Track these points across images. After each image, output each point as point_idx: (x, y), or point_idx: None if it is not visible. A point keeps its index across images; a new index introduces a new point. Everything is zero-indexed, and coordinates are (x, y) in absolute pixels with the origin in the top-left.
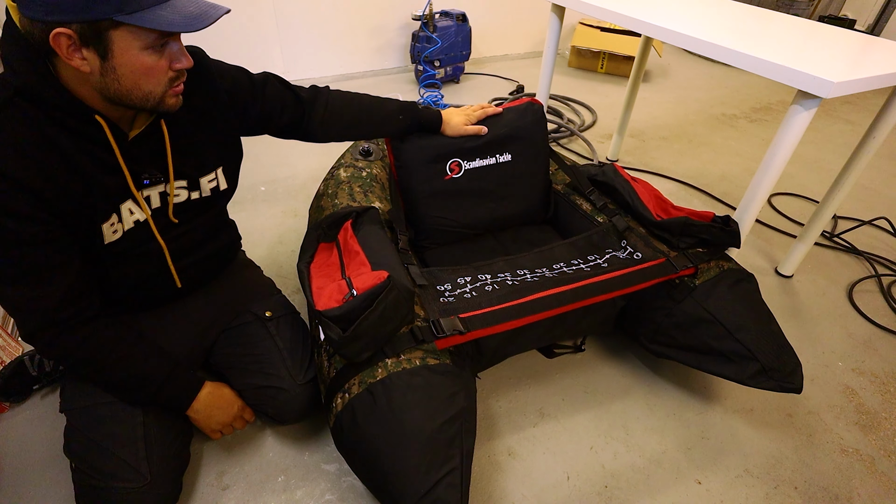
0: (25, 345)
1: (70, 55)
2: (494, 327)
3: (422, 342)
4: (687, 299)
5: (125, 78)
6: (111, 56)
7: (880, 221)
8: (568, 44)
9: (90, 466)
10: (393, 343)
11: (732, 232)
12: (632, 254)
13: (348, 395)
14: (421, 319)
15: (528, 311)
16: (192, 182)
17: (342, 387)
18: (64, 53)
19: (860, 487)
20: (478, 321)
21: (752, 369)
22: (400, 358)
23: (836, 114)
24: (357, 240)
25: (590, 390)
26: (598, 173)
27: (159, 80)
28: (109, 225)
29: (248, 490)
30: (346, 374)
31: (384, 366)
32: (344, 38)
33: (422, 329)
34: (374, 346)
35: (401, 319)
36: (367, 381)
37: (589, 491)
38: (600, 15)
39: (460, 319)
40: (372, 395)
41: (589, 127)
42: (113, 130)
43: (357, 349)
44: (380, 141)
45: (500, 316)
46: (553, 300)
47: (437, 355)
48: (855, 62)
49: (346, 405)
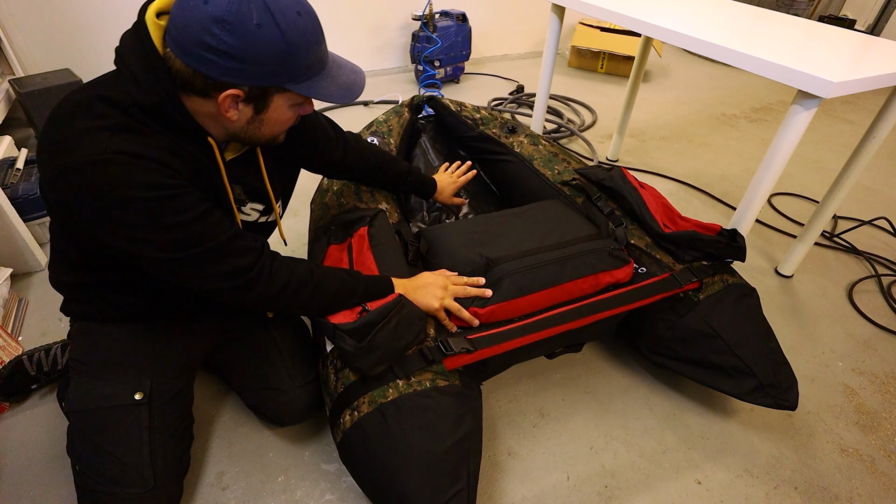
0: (25, 344)
1: (227, 108)
2: (501, 346)
3: (431, 362)
4: (690, 313)
5: (266, 127)
6: (265, 112)
7: (880, 221)
8: (568, 44)
9: (93, 470)
10: (403, 364)
11: (739, 247)
12: (636, 268)
13: (358, 413)
14: (430, 339)
15: (534, 329)
16: (267, 208)
17: (351, 404)
18: (224, 107)
19: (860, 487)
20: (485, 341)
21: (750, 385)
22: (411, 380)
23: (836, 114)
24: (373, 254)
25: (590, 390)
26: (606, 178)
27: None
28: None
29: (248, 490)
30: (355, 391)
31: (395, 387)
32: (344, 38)
33: (431, 349)
34: (387, 361)
35: (413, 336)
36: (379, 400)
37: (589, 491)
38: (600, 15)
39: (467, 339)
40: (383, 415)
41: (589, 127)
42: (220, 152)
43: (371, 362)
44: (385, 135)
45: (507, 335)
46: (559, 318)
47: (446, 376)
48: (855, 62)
49: (355, 423)
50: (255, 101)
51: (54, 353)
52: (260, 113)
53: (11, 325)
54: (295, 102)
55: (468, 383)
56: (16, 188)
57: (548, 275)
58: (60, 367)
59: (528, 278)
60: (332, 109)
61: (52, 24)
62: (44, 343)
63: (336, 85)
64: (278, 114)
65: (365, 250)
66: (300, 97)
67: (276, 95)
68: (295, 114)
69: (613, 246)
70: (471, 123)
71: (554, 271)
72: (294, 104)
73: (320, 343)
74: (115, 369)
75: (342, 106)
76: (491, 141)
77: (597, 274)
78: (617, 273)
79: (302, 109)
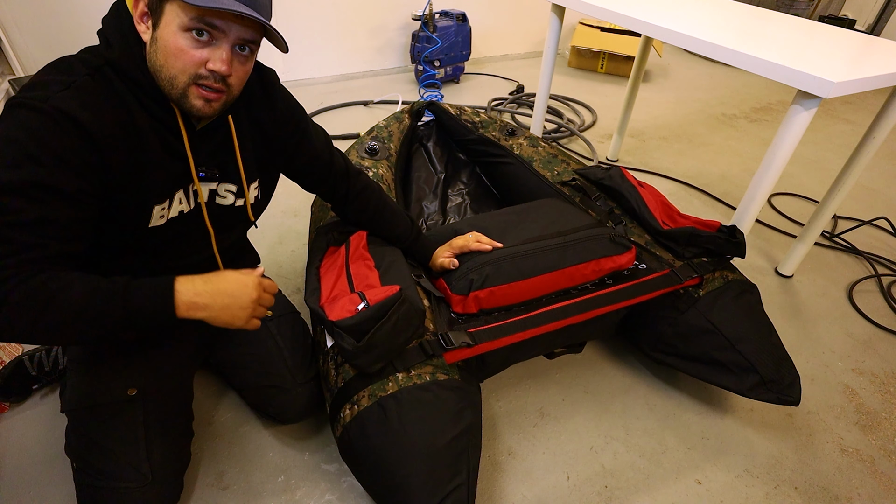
0: (25, 345)
1: (139, 20)
2: (501, 340)
3: (431, 356)
4: (690, 310)
5: (160, 52)
6: (158, 27)
7: (880, 221)
8: (568, 44)
9: (91, 466)
10: (403, 357)
11: (738, 243)
12: (636, 265)
13: (357, 407)
14: (430, 333)
15: (534, 323)
16: (240, 189)
17: (351, 398)
18: (136, 17)
19: (860, 487)
20: (485, 334)
21: (752, 381)
22: (410, 373)
23: (836, 114)
24: (370, 251)
25: (590, 390)
26: (604, 177)
27: (184, 68)
28: (161, 209)
29: (248, 490)
30: (355, 385)
31: (395, 380)
32: (344, 38)
33: (431, 343)
34: (387, 358)
35: (413, 332)
36: (378, 394)
37: (589, 491)
38: (600, 15)
39: (468, 333)
40: (383, 408)
41: (589, 127)
42: (184, 119)
43: (369, 360)
44: (386, 140)
45: (507, 329)
46: (559, 312)
47: (447, 370)
48: (855, 62)
49: (355, 417)
50: (154, 11)
51: (55, 353)
52: (156, 29)
53: None
54: (183, 24)
55: (468, 378)
56: None
57: (549, 259)
58: (61, 366)
59: (530, 262)
60: (332, 109)
61: (52, 24)
62: None
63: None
64: (167, 33)
65: (362, 246)
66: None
67: (165, 4)
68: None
69: (615, 232)
70: (470, 127)
71: (555, 256)
72: (183, 27)
73: (320, 339)
74: (109, 367)
75: (342, 106)
76: (491, 144)
77: (598, 259)
78: (619, 259)
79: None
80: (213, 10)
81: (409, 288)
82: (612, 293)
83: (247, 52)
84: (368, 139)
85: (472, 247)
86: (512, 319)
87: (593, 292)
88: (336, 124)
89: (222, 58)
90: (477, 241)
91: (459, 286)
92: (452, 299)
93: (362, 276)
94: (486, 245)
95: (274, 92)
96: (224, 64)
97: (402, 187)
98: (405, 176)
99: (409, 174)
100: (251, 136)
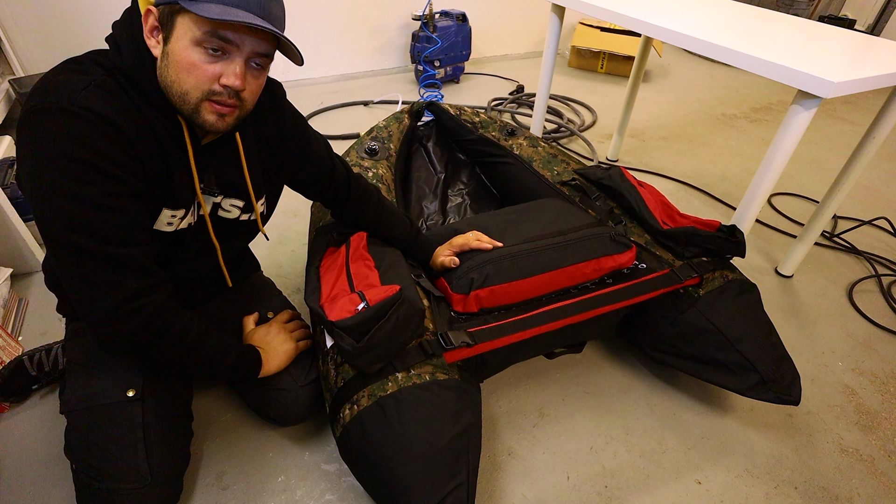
0: (25, 345)
1: (149, 34)
2: (501, 339)
3: (431, 356)
4: (690, 309)
5: (171, 67)
6: (170, 41)
7: (880, 221)
8: (568, 44)
9: (90, 468)
10: (403, 357)
11: (738, 243)
12: (636, 264)
13: (357, 407)
14: (430, 333)
15: (534, 323)
16: (247, 205)
17: (350, 398)
18: (146, 31)
19: (860, 487)
20: (485, 334)
21: (752, 380)
22: (410, 373)
23: (836, 114)
24: (369, 249)
25: (590, 390)
26: (604, 177)
27: (197, 84)
28: (171, 214)
29: (248, 490)
30: (354, 385)
31: (394, 380)
32: (344, 38)
33: (431, 343)
34: (386, 358)
35: (412, 332)
36: (378, 394)
37: (589, 491)
38: (600, 15)
39: (467, 333)
40: (382, 408)
41: (589, 127)
42: (190, 133)
43: (369, 360)
44: (385, 140)
45: (507, 329)
46: (558, 312)
47: (446, 370)
48: (855, 62)
49: (354, 417)
50: (165, 25)
51: (55, 353)
52: (167, 44)
53: (11, 325)
54: (195, 38)
55: (467, 378)
56: (16, 188)
57: (550, 258)
58: (61, 367)
59: (530, 260)
60: (332, 109)
61: (52, 24)
62: (44, 343)
63: (221, 6)
64: (179, 47)
65: (362, 248)
66: (201, 30)
67: (177, 18)
68: (202, 62)
69: (615, 231)
70: (470, 127)
71: (556, 254)
72: (195, 41)
73: (320, 340)
74: (108, 368)
75: (342, 106)
76: (490, 144)
77: (599, 258)
78: (619, 257)
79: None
80: (227, 22)
81: (409, 288)
82: (611, 293)
83: (260, 66)
84: (368, 139)
85: (472, 245)
86: (512, 319)
87: (593, 292)
88: (336, 124)
89: (236, 72)
90: (477, 240)
91: (460, 285)
92: (453, 298)
93: (362, 276)
94: (487, 244)
95: (283, 107)
96: (238, 79)
97: (401, 187)
98: (405, 176)
99: (409, 174)
100: (258, 151)
